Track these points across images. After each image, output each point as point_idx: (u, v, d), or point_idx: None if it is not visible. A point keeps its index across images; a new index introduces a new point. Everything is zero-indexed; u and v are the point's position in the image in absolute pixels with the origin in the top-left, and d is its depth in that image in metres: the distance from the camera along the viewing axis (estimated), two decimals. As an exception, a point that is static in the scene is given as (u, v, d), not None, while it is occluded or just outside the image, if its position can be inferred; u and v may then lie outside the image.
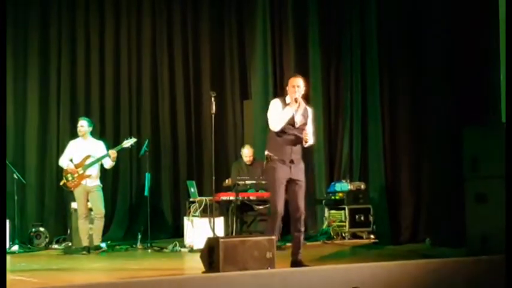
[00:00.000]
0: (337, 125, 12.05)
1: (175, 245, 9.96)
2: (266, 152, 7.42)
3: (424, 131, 10.25)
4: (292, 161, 7.27)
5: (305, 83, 7.45)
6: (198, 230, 9.84)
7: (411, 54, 10.48)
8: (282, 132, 7.28)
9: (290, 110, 7.27)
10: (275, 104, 7.41)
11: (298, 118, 7.33)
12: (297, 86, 7.30)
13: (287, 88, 7.39)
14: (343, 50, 12.00)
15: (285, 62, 12.28)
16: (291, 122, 7.29)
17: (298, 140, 7.31)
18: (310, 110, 7.50)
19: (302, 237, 7.37)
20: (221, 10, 13.18)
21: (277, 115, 7.29)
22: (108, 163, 10.15)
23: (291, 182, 7.29)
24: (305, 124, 7.36)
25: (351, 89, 11.80)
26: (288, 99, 7.35)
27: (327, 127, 11.97)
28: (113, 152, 9.98)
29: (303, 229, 7.35)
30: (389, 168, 10.77)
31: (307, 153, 11.32)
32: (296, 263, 7.23)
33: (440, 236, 9.49)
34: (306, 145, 7.35)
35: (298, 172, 7.32)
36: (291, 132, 7.29)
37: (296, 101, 7.25)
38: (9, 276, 7.39)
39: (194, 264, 7.60)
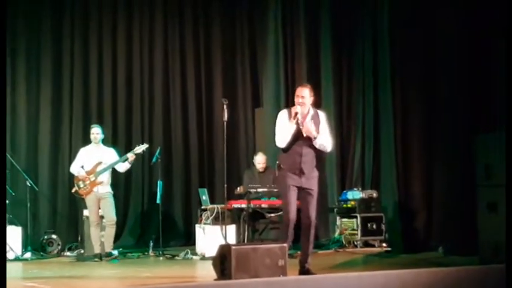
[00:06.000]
0: (349, 133, 12.03)
1: (187, 253, 9.97)
2: (278, 162, 7.41)
3: (436, 139, 10.23)
4: (302, 171, 7.21)
5: (312, 92, 7.34)
6: (210, 237, 9.84)
7: (424, 63, 10.46)
8: (290, 144, 7.24)
9: (292, 126, 7.18)
10: (281, 117, 7.35)
11: (305, 125, 7.24)
12: (301, 96, 7.24)
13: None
14: (355, 58, 11.99)
15: (297, 70, 12.28)
16: (297, 134, 7.22)
17: (307, 149, 7.24)
18: (322, 114, 7.43)
19: (311, 246, 7.34)
20: (233, 18, 13.20)
21: (282, 131, 7.23)
22: (124, 166, 10.20)
23: (302, 191, 7.25)
24: (316, 131, 7.26)
25: (363, 96, 11.79)
26: (294, 108, 7.26)
27: (339, 135, 11.94)
28: (132, 156, 10.04)
29: (312, 238, 7.31)
30: (401, 176, 10.74)
31: (319, 161, 11.38)
32: (304, 271, 7.20)
33: (453, 244, 9.46)
34: (317, 144, 7.25)
35: (309, 181, 7.25)
36: (298, 143, 7.23)
37: (295, 117, 7.17)
38: (22, 283, 7.44)
39: (206, 272, 7.61)
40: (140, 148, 10.25)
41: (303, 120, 7.24)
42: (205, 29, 13.01)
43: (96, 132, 10.21)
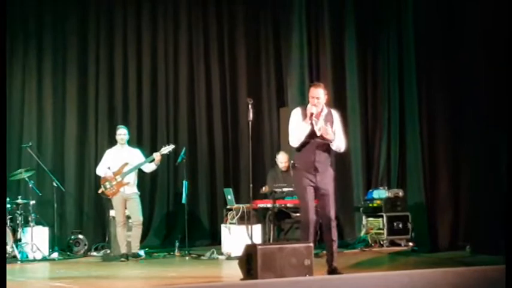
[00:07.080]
0: (375, 132, 11.97)
1: (213, 253, 9.98)
2: (292, 161, 7.41)
3: (463, 137, 10.14)
4: (316, 169, 7.18)
5: (326, 90, 7.30)
6: (236, 237, 9.85)
7: (449, 62, 10.36)
8: (303, 143, 7.22)
9: (306, 126, 7.16)
10: (295, 115, 7.33)
11: (320, 126, 7.21)
12: (316, 97, 7.19)
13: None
14: (381, 56, 11.93)
15: (322, 69, 12.23)
16: (311, 133, 7.20)
17: (321, 148, 7.22)
18: (335, 114, 7.39)
19: (335, 245, 7.29)
20: (257, 18, 13.21)
21: (296, 130, 7.21)
22: (150, 167, 10.25)
23: (318, 190, 7.23)
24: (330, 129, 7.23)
25: (388, 94, 11.72)
26: (309, 108, 7.22)
27: (364, 134, 11.90)
28: (158, 155, 10.08)
29: (335, 237, 7.27)
30: (427, 174, 10.64)
31: (345, 160, 11.36)
32: (332, 271, 7.17)
33: (481, 243, 9.37)
34: (333, 146, 7.24)
35: (324, 180, 7.23)
36: (312, 142, 7.20)
37: (310, 118, 7.14)
38: (49, 283, 7.49)
39: (232, 272, 7.62)
40: (167, 149, 10.28)
41: (317, 119, 7.19)
42: (230, 28, 13.03)
43: (122, 133, 10.26)
